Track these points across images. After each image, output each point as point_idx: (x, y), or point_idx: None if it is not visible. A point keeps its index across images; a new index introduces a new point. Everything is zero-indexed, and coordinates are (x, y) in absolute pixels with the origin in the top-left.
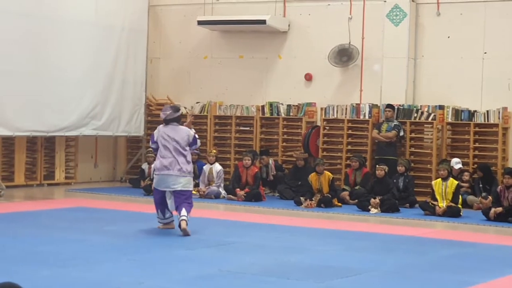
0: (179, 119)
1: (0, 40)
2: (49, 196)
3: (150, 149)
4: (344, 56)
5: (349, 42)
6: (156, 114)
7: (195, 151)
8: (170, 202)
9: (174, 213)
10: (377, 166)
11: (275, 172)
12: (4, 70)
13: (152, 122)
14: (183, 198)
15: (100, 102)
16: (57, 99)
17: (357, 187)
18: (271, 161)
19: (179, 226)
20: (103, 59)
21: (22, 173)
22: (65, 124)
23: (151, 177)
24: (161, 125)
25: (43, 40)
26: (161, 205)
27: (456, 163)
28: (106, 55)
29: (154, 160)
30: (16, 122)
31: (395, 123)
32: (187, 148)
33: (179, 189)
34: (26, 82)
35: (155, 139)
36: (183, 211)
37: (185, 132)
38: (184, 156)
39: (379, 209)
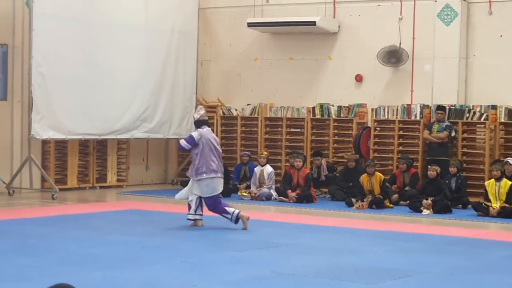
0: None
1: (53, 45)
2: (101, 198)
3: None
4: (393, 57)
5: (400, 44)
6: (207, 117)
7: (246, 152)
8: (195, 200)
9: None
10: (429, 166)
11: (326, 173)
12: (57, 74)
13: None
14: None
15: (151, 105)
16: (109, 102)
17: (407, 188)
18: (323, 162)
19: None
20: (154, 62)
21: (74, 176)
22: (116, 127)
23: None
24: (205, 129)
25: (95, 45)
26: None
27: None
28: (157, 58)
29: None
30: (69, 125)
31: (446, 123)
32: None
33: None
34: (78, 86)
35: (196, 141)
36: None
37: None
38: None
39: (431, 210)
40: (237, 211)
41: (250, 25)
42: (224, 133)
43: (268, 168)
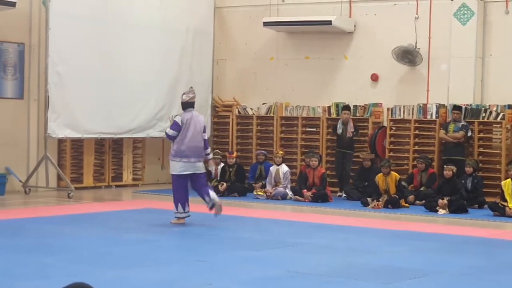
0: None
1: (70, 44)
2: (117, 197)
3: (217, 150)
4: (406, 58)
5: (415, 45)
6: (223, 116)
7: (262, 152)
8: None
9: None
10: (444, 166)
11: (353, 130)
12: (73, 73)
13: (218, 123)
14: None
15: (166, 104)
16: (124, 101)
17: (422, 188)
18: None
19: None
20: (169, 61)
21: (90, 174)
22: (132, 126)
23: (218, 178)
24: (191, 112)
25: (111, 44)
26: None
27: None
28: (172, 57)
29: (221, 161)
30: (85, 124)
31: (462, 123)
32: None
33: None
34: (94, 85)
35: (180, 125)
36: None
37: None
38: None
39: (447, 210)
40: (183, 216)
41: (266, 24)
42: (240, 132)
43: (284, 167)
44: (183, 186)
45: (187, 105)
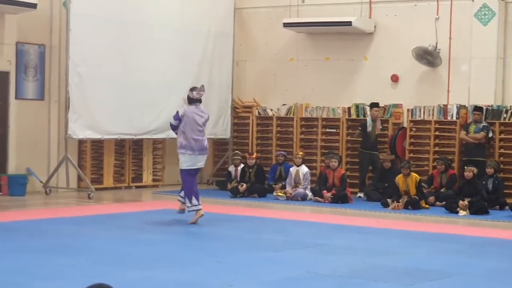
0: None
1: (90, 45)
2: (137, 198)
3: (237, 151)
4: (425, 59)
5: (436, 45)
6: (243, 117)
7: (282, 153)
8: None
9: None
10: (465, 167)
11: (381, 127)
12: (93, 74)
13: (238, 124)
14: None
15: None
16: (145, 102)
17: (442, 190)
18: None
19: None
20: (190, 62)
21: (110, 175)
22: (152, 127)
23: (238, 179)
24: (193, 106)
25: (132, 45)
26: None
27: None
28: (193, 59)
29: (241, 162)
30: (105, 125)
31: (483, 124)
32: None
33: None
34: (114, 86)
35: (180, 116)
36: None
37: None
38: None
39: (467, 211)
40: (200, 207)
41: (286, 25)
42: (260, 133)
43: (304, 168)
44: (192, 179)
45: (194, 101)
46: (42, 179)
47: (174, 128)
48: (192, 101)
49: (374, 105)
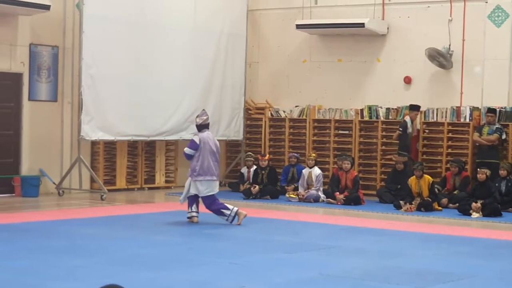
0: None
1: (103, 47)
2: (150, 199)
3: (249, 153)
4: (436, 60)
5: (449, 47)
6: (255, 118)
7: (294, 154)
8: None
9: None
10: (478, 169)
11: (419, 128)
12: (106, 76)
13: (251, 126)
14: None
15: (199, 107)
16: (157, 104)
17: (455, 192)
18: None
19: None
20: (202, 64)
21: (123, 177)
22: (165, 129)
23: (250, 181)
24: (205, 133)
25: (144, 47)
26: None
27: None
28: (205, 60)
29: (253, 163)
30: (118, 127)
31: (497, 126)
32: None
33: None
34: (127, 88)
35: (198, 145)
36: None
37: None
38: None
39: (480, 213)
40: (236, 208)
41: (299, 27)
42: (272, 135)
43: (316, 170)
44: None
45: (202, 127)
46: (55, 180)
47: (190, 157)
48: (200, 127)
49: (415, 108)
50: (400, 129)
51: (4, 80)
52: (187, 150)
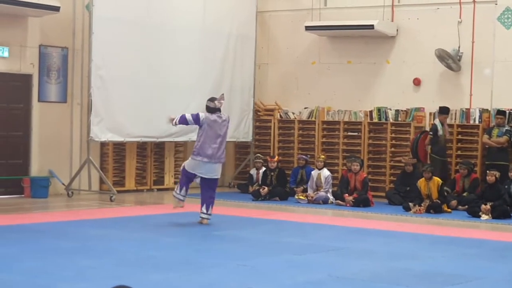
0: None
1: (113, 48)
2: (159, 201)
3: (258, 154)
4: (445, 62)
5: (458, 49)
6: (265, 120)
7: (303, 156)
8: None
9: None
10: (488, 171)
11: (449, 130)
12: (116, 77)
13: (260, 127)
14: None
15: None
16: (166, 105)
17: (465, 194)
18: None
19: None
20: (211, 65)
21: (132, 178)
22: (174, 130)
23: (259, 182)
24: (216, 115)
25: (154, 48)
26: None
27: None
28: (214, 61)
29: (262, 165)
30: (127, 128)
31: (506, 128)
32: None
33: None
34: (137, 89)
35: (201, 121)
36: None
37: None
38: None
39: (490, 215)
40: (183, 198)
41: (308, 28)
42: (281, 137)
43: (325, 172)
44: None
45: (215, 110)
46: (64, 181)
47: (183, 121)
48: (212, 110)
49: (444, 111)
50: (431, 133)
51: (14, 81)
52: (187, 115)
